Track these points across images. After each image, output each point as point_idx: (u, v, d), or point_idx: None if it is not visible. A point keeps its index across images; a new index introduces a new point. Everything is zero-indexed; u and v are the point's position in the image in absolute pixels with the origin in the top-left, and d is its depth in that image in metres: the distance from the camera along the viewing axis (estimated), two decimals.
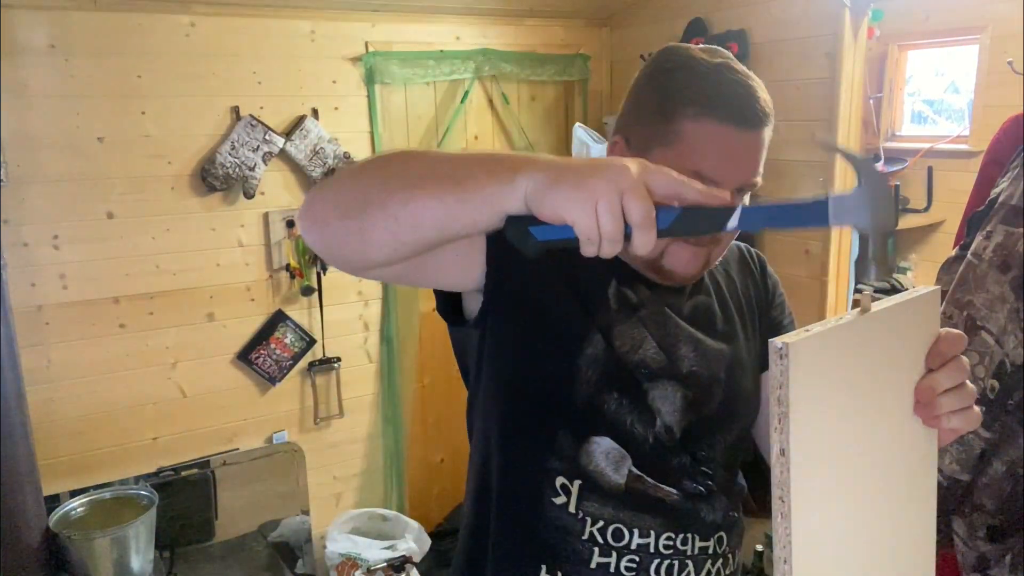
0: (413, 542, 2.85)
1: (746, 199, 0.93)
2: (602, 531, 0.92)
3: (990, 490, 1.31)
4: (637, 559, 0.93)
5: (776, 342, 0.58)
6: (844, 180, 2.46)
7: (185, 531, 2.67)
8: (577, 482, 0.92)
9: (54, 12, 2.34)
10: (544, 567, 0.93)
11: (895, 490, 0.73)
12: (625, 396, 0.93)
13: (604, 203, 0.63)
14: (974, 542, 1.35)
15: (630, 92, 0.98)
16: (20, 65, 2.31)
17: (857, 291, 2.71)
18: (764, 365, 1.05)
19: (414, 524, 2.97)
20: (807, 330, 0.60)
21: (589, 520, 0.92)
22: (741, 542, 1.04)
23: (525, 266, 0.85)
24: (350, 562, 2.75)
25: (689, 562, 0.94)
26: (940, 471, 1.32)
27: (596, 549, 0.92)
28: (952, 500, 1.34)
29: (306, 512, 2.92)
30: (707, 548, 0.95)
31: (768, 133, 0.91)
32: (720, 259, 1.02)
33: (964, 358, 0.75)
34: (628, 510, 0.93)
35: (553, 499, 0.93)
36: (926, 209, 3.09)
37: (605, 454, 0.92)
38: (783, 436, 0.58)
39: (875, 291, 2.87)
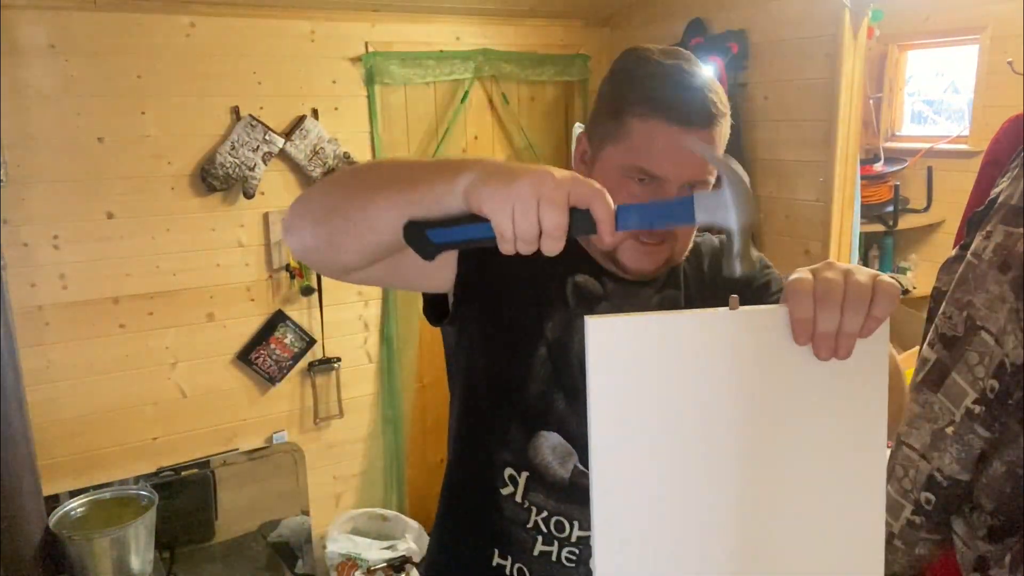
0: (413, 542, 2.85)
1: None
2: (545, 521, 0.98)
3: (990, 490, 1.31)
4: (577, 551, 0.98)
5: (586, 317, 0.62)
6: (844, 179, 2.46)
7: (185, 531, 2.67)
8: (524, 474, 0.98)
9: (54, 12, 2.34)
10: (496, 552, 1.00)
11: (723, 488, 0.68)
12: (571, 394, 0.96)
13: (521, 206, 0.65)
14: (974, 542, 1.35)
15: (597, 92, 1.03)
16: (20, 65, 2.31)
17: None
18: None
19: (414, 524, 2.97)
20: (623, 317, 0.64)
21: (534, 510, 0.98)
22: None
23: (493, 266, 0.89)
24: (350, 562, 2.76)
25: None
26: (940, 471, 1.32)
27: (539, 538, 0.98)
28: (952, 500, 1.34)
29: (306, 512, 2.92)
30: None
31: (721, 131, 0.92)
32: (686, 253, 1.01)
33: (829, 271, 0.64)
34: (571, 503, 0.97)
35: (502, 489, 0.99)
36: (926, 209, 3.09)
37: (552, 449, 0.97)
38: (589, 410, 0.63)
39: None
